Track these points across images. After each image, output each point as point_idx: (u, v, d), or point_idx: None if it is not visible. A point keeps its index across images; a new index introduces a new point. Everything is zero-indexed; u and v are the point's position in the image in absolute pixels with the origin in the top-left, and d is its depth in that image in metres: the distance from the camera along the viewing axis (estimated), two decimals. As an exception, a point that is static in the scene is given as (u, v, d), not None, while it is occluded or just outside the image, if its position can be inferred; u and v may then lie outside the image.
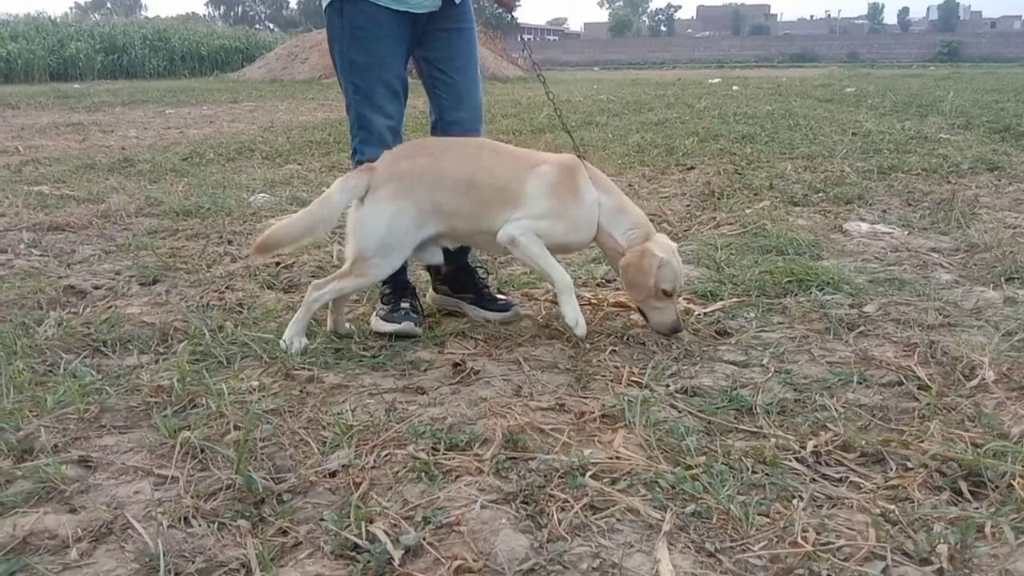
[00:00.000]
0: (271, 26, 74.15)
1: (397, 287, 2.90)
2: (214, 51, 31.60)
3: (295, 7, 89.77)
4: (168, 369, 2.43)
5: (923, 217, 4.62)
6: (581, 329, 2.61)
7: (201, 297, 3.16)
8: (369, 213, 2.61)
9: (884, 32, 67.44)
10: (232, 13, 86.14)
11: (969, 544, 1.54)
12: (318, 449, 1.95)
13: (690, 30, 78.41)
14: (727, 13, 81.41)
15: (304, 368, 2.46)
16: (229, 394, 2.22)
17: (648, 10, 75.72)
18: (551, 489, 1.73)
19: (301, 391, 2.30)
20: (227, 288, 3.30)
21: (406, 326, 2.73)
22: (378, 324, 2.78)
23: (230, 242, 4.12)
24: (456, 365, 2.45)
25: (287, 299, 3.13)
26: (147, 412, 2.15)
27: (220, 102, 14.97)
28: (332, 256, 3.74)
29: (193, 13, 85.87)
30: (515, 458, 1.88)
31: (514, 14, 3.06)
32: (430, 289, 3.19)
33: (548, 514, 1.64)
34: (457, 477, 1.80)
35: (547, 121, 9.80)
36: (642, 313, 2.78)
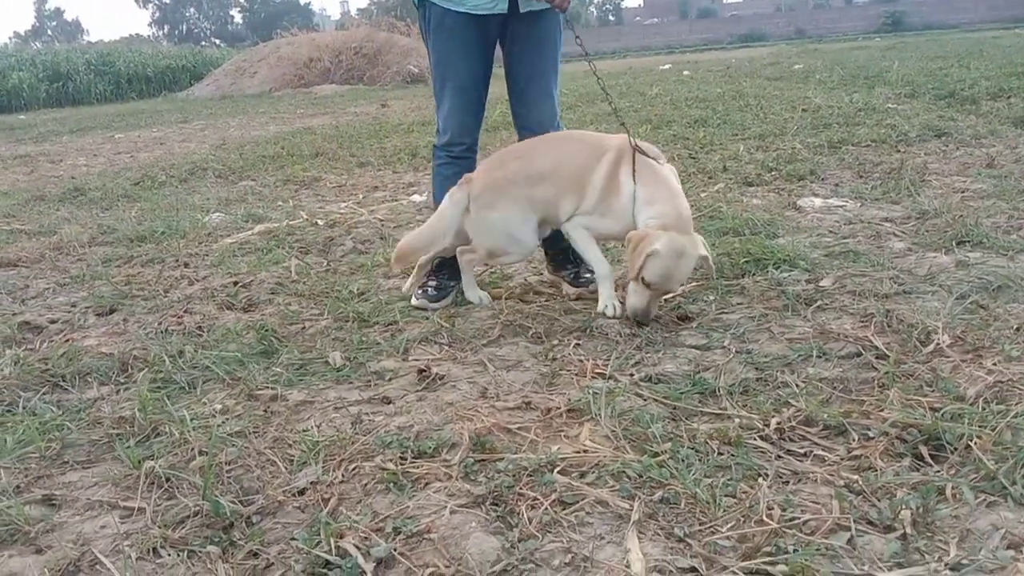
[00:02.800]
0: (217, 42, 73.15)
1: (439, 263, 3.23)
2: (160, 71, 31.10)
3: (240, 21, 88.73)
4: (129, 399, 2.40)
5: (874, 188, 4.69)
6: (610, 311, 2.87)
7: (159, 323, 3.12)
8: (479, 221, 3.01)
9: (828, 7, 68.30)
10: (176, 32, 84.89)
11: (931, 507, 1.57)
12: (285, 468, 1.94)
13: (638, 18, 78.79)
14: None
15: (267, 387, 2.44)
16: (192, 419, 2.20)
17: (595, 0, 76.13)
18: (520, 488, 1.74)
19: (265, 411, 2.28)
20: (185, 312, 3.26)
21: (419, 302, 3.12)
22: (413, 300, 3.16)
23: (187, 265, 4.07)
24: (421, 372, 2.45)
25: (247, 318, 3.11)
26: (110, 444, 2.12)
27: (170, 123, 14.77)
28: (291, 271, 3.71)
29: (137, 34, 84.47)
30: (484, 460, 1.88)
31: (566, 14, 3.13)
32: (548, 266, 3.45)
33: (518, 513, 1.64)
34: (426, 485, 1.80)
35: (500, 119, 9.80)
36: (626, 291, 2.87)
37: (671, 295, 2.96)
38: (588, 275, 3.19)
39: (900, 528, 1.52)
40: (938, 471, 1.75)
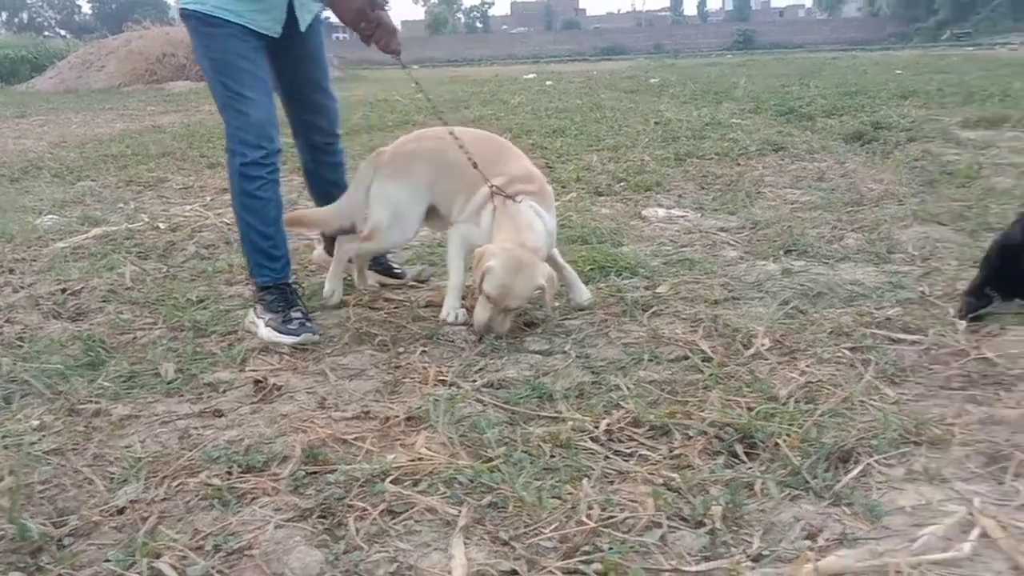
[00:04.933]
0: (62, 33, 68.59)
1: (284, 293, 2.86)
2: (-3, 62, 28.79)
3: (88, 12, 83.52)
4: (-69, 418, 2.21)
5: (714, 199, 4.95)
6: (451, 317, 2.88)
7: (-26, 335, 2.89)
8: (378, 191, 3.01)
9: (685, 23, 71.61)
10: (16, 20, 79.00)
11: (739, 503, 1.67)
12: (104, 486, 1.84)
13: (505, 26, 79.86)
14: (540, 9, 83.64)
15: (91, 401, 2.31)
16: (5, 437, 2.06)
17: (463, 7, 76.56)
18: (350, 499, 1.72)
19: (87, 426, 2.15)
20: (6, 321, 3.04)
21: (306, 337, 2.75)
22: (272, 335, 2.75)
23: (11, 271, 3.79)
24: (258, 383, 2.39)
25: (74, 328, 2.93)
26: (-96, 469, 1.95)
27: (5, 117, 13.69)
28: (126, 278, 3.52)
29: (-31, 21, 78.03)
30: (315, 473, 1.85)
31: (400, 58, 3.04)
32: (320, 252, 3.48)
33: (345, 525, 1.63)
34: (253, 500, 1.75)
35: (362, 122, 9.70)
36: None
37: (515, 310, 2.93)
38: (399, 268, 3.33)
39: (710, 523, 1.61)
40: (750, 467, 1.86)
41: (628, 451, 1.97)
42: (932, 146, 6.45)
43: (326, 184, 3.24)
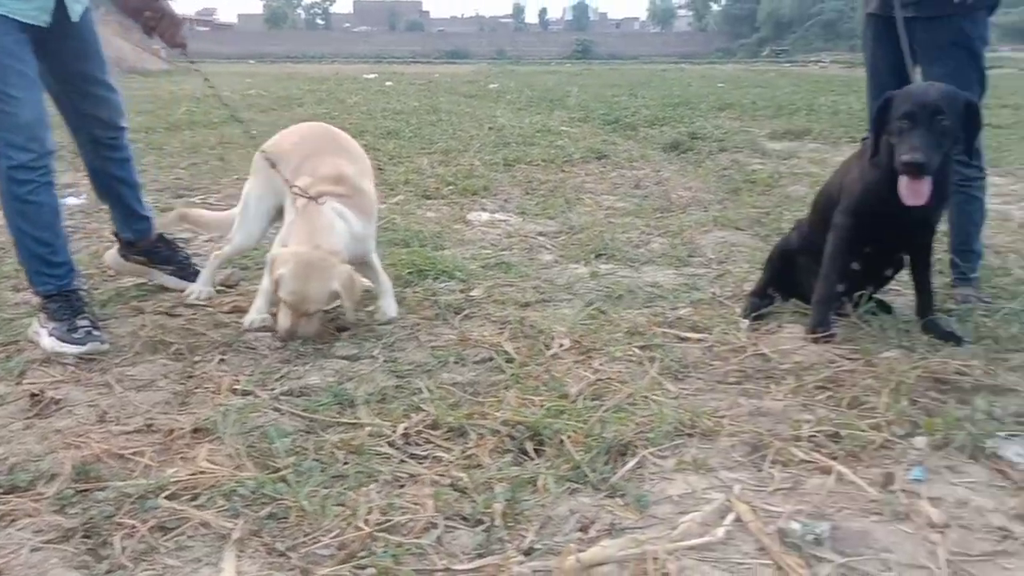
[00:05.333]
0: None
1: (69, 300, 2.67)
2: None
3: None
4: None
5: (537, 204, 5.08)
6: (247, 322, 2.83)
7: None
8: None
9: (528, 31, 73.14)
10: None
11: (519, 499, 1.73)
12: None
13: (347, 24, 78.50)
14: (383, 9, 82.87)
15: None
16: None
17: (303, 3, 74.54)
18: (120, 517, 1.64)
19: None
20: None
21: (93, 347, 2.57)
22: (56, 345, 2.56)
23: None
24: (34, 396, 2.22)
25: None
26: None
27: None
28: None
29: None
30: (85, 491, 1.75)
31: (186, 52, 2.97)
32: (113, 253, 3.28)
33: (111, 544, 1.55)
34: (12, 521, 1.64)
35: (186, 117, 9.27)
36: None
37: (317, 314, 2.83)
38: (195, 268, 3.26)
39: (488, 521, 1.65)
40: (537, 464, 1.93)
41: (424, 454, 1.99)
42: (740, 156, 6.93)
43: (112, 181, 3.04)
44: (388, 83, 18.00)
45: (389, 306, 2.98)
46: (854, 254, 2.72)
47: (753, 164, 6.52)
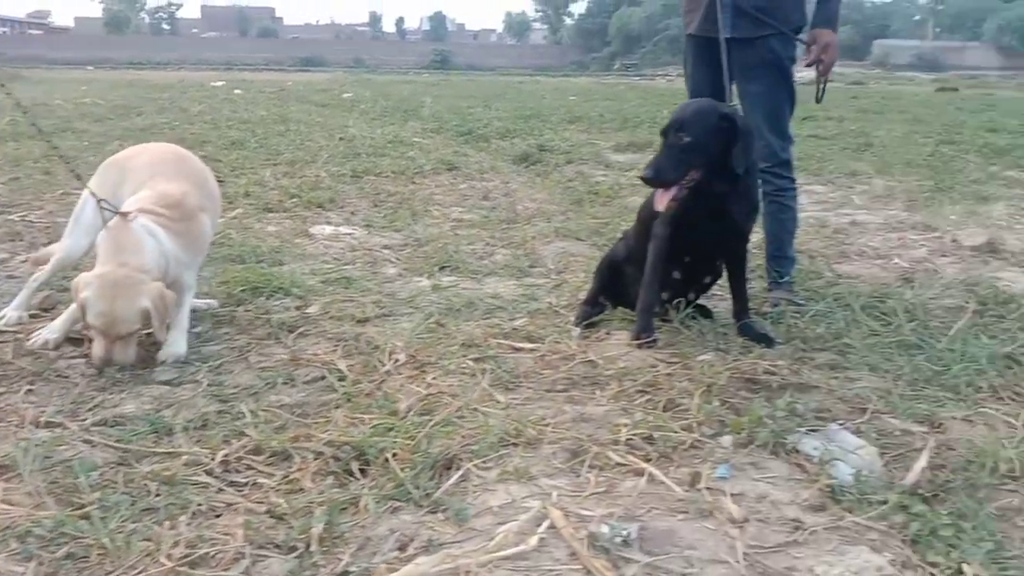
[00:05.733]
0: None
1: None
2: None
3: None
4: None
5: (385, 216, 5.05)
6: (30, 342, 2.72)
7: None
8: None
9: (385, 40, 72.62)
10: None
11: (337, 522, 1.71)
12: None
13: (195, 30, 75.19)
14: (232, 14, 79.97)
15: None
16: None
17: (147, 7, 70.96)
18: None
19: None
20: None
21: None
22: None
23: None
24: None
25: None
26: None
27: None
28: None
29: None
30: None
31: None
32: None
33: None
34: None
35: (9, 128, 8.61)
36: None
37: (132, 337, 2.63)
38: None
39: (302, 547, 1.62)
40: (361, 484, 1.91)
41: (243, 481, 1.93)
42: (585, 168, 7.15)
43: None
44: (237, 91, 17.38)
45: (176, 341, 2.71)
46: (674, 263, 2.86)
47: (597, 176, 6.74)
